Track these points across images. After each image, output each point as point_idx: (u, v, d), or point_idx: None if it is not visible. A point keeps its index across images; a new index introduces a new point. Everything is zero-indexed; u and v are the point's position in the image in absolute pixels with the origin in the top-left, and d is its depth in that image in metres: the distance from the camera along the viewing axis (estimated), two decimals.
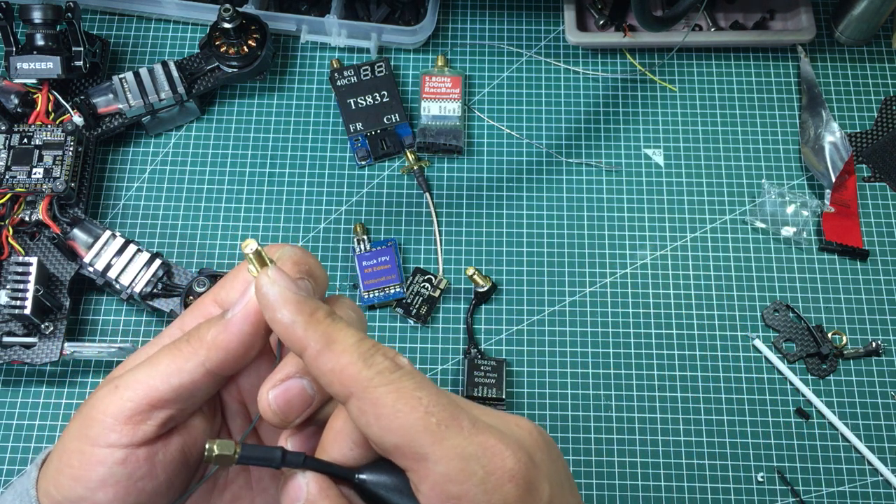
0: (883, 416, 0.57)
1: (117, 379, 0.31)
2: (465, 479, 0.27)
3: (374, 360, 0.28)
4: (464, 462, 0.27)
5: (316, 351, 0.28)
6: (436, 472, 0.27)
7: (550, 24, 0.68)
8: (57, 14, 0.60)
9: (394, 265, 0.59)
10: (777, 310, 0.59)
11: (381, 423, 0.27)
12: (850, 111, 0.65)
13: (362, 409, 0.28)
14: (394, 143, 0.63)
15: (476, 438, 0.27)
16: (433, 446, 0.27)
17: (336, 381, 0.28)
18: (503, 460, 0.27)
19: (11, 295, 0.54)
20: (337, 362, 0.28)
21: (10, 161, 0.58)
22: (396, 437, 0.27)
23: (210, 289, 0.35)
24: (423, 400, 0.27)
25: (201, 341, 0.31)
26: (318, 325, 0.29)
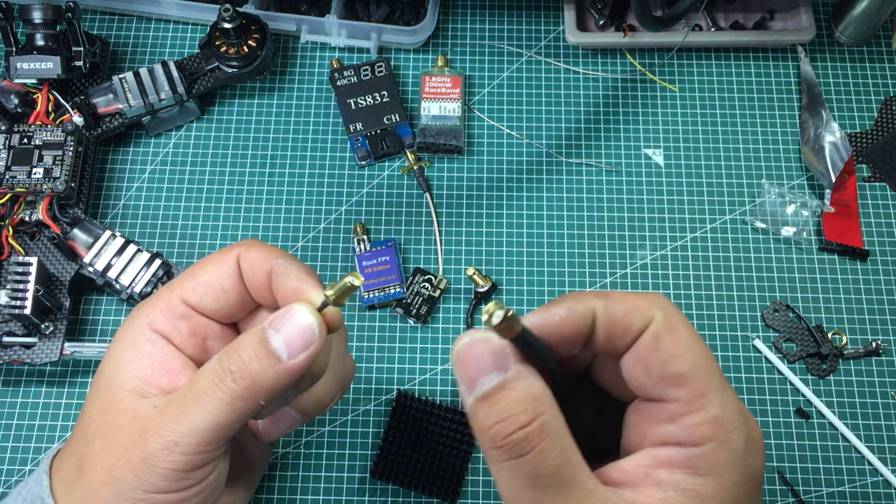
0: (883, 416, 0.57)
1: (170, 432, 0.32)
2: (733, 429, 0.27)
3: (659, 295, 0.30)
4: (736, 415, 0.27)
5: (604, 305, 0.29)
6: (711, 411, 0.27)
7: (550, 24, 0.68)
8: (57, 14, 0.60)
9: (394, 265, 0.59)
10: (777, 310, 0.59)
11: (674, 349, 0.28)
12: (850, 111, 0.65)
13: (659, 334, 0.28)
14: (394, 143, 0.63)
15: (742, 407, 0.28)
16: (715, 389, 0.27)
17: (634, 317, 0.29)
18: (758, 432, 0.28)
19: (11, 295, 0.54)
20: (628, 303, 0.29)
21: (10, 161, 0.58)
22: (685, 366, 0.28)
23: (172, 283, 0.36)
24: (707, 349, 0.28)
25: (257, 386, 0.32)
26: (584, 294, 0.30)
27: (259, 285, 0.35)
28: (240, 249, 0.36)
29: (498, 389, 0.27)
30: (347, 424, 0.56)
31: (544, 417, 0.27)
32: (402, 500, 0.55)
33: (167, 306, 0.36)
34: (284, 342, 0.32)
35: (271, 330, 0.33)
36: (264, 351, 0.32)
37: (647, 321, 0.29)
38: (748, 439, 0.27)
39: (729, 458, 0.27)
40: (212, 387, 0.32)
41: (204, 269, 0.36)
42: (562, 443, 0.27)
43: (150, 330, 0.35)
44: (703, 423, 0.27)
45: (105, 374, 0.35)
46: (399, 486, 0.54)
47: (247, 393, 0.32)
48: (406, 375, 0.58)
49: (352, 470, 0.55)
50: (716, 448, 0.27)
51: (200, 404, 0.32)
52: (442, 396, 0.57)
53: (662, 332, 0.28)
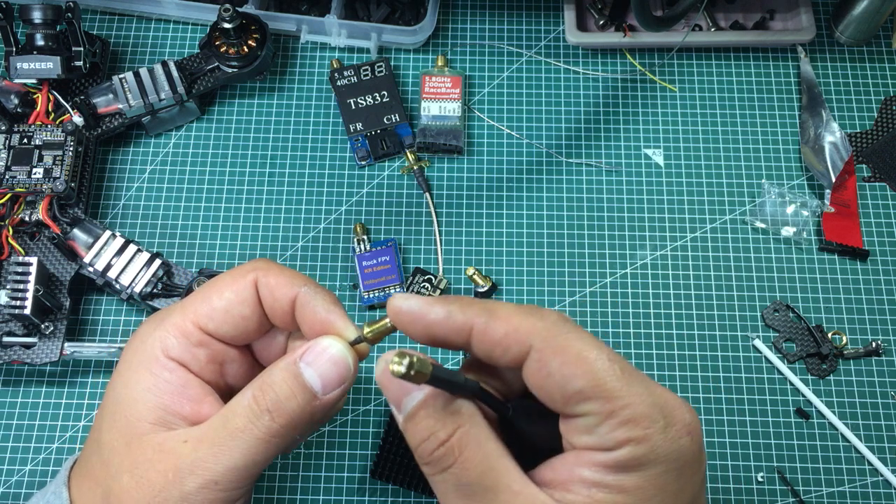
0: (883, 416, 0.57)
1: (208, 472, 0.32)
2: (649, 424, 0.28)
3: (542, 314, 0.29)
4: (649, 408, 0.28)
5: (483, 323, 0.29)
6: (622, 413, 0.28)
7: (550, 24, 0.68)
8: (57, 14, 0.60)
9: (394, 265, 0.59)
10: (777, 310, 0.59)
11: (565, 370, 0.28)
12: (850, 111, 0.65)
13: (543, 359, 0.28)
14: (394, 143, 0.63)
15: (655, 391, 0.28)
16: (619, 390, 0.28)
17: (512, 341, 0.29)
18: (682, 414, 0.28)
19: (11, 295, 0.54)
20: (509, 324, 0.29)
21: (10, 161, 0.58)
22: (582, 381, 0.28)
23: (185, 306, 0.35)
24: (604, 349, 0.29)
25: (294, 422, 0.32)
26: (473, 304, 0.30)
27: (280, 312, 0.34)
28: (257, 273, 0.34)
29: (418, 409, 0.29)
30: (347, 424, 0.56)
31: (462, 430, 0.29)
32: (402, 500, 0.55)
33: (182, 333, 0.34)
34: (320, 377, 0.32)
35: (304, 364, 0.33)
36: (300, 388, 0.32)
37: (526, 347, 0.29)
38: (666, 428, 0.28)
39: (648, 451, 0.28)
40: (249, 426, 0.32)
41: (221, 295, 0.34)
42: (483, 451, 0.29)
43: (166, 357, 0.34)
44: (616, 428, 0.28)
45: (122, 402, 0.34)
46: (399, 486, 0.54)
47: (284, 430, 0.32)
48: None
49: (352, 470, 0.55)
50: (634, 447, 0.28)
51: (238, 442, 0.32)
52: None
53: (547, 357, 0.28)
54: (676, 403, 0.29)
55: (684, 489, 0.28)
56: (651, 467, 0.28)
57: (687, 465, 0.28)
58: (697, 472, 0.29)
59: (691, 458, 0.28)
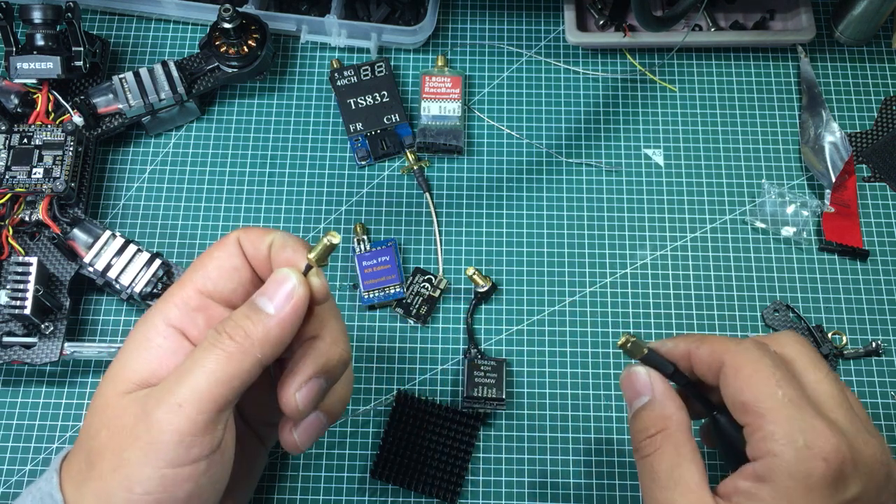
0: (883, 416, 0.57)
1: (172, 395, 0.33)
2: (786, 442, 0.33)
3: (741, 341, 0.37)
4: (791, 429, 0.33)
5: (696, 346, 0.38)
6: (766, 428, 0.33)
7: (550, 24, 0.68)
8: (57, 14, 0.60)
9: (394, 265, 0.59)
10: (777, 310, 0.59)
11: (737, 384, 0.35)
12: (850, 111, 0.65)
13: (727, 373, 0.36)
14: (394, 143, 0.63)
15: (811, 419, 0.33)
16: (771, 410, 0.34)
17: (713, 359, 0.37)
18: (825, 443, 0.33)
19: (11, 295, 0.54)
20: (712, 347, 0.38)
21: (10, 161, 0.58)
22: (747, 396, 0.35)
23: (182, 279, 0.38)
24: (777, 375, 0.35)
25: (252, 339, 0.35)
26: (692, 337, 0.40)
27: (262, 261, 0.38)
28: (238, 233, 0.38)
29: (641, 410, 0.38)
30: (347, 424, 0.57)
31: (667, 431, 0.36)
32: (402, 500, 0.55)
33: (182, 300, 0.37)
34: (268, 298, 0.35)
35: (258, 295, 0.36)
36: (252, 309, 0.35)
37: (721, 363, 0.36)
38: (800, 449, 0.32)
39: (781, 466, 0.32)
40: (209, 347, 0.34)
41: (210, 256, 0.38)
42: (679, 452, 0.36)
43: (165, 325, 0.36)
44: (762, 440, 0.33)
45: (112, 370, 0.36)
46: (399, 486, 0.54)
47: (242, 347, 0.34)
48: (406, 375, 0.58)
49: (352, 470, 0.55)
50: (770, 459, 0.33)
51: (198, 364, 0.34)
52: (442, 396, 0.57)
53: (730, 371, 0.36)
54: (824, 433, 0.33)
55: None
56: (783, 480, 0.32)
57: (817, 488, 0.32)
58: (830, 497, 0.32)
59: (821, 481, 0.32)
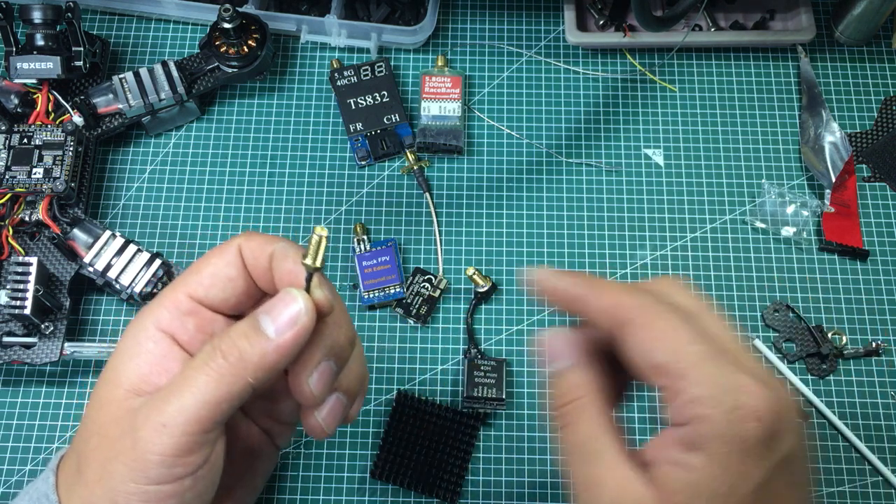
0: (883, 416, 0.57)
1: (159, 413, 0.32)
2: (714, 405, 0.30)
3: (646, 294, 0.33)
4: (717, 389, 0.30)
5: (594, 294, 0.34)
6: (689, 391, 0.30)
7: (550, 24, 0.68)
8: (57, 14, 0.60)
9: (394, 265, 0.59)
10: (777, 310, 0.59)
11: (648, 344, 0.32)
12: (850, 111, 0.65)
13: (633, 331, 0.32)
14: (394, 143, 0.63)
15: (732, 375, 0.30)
16: (692, 370, 0.30)
17: (617, 311, 0.33)
18: (755, 400, 0.30)
19: (11, 295, 0.54)
20: (612, 297, 0.33)
21: (10, 161, 0.58)
22: (661, 357, 0.31)
23: (176, 282, 0.37)
24: (690, 330, 0.31)
25: (246, 362, 0.33)
26: (588, 279, 0.35)
27: (262, 271, 0.36)
28: (240, 239, 0.37)
29: (556, 376, 0.35)
30: (347, 424, 0.56)
31: (581, 401, 0.33)
32: (402, 500, 0.55)
33: (174, 304, 0.36)
34: (272, 320, 0.33)
35: (262, 312, 0.34)
36: (252, 329, 0.33)
37: (624, 318, 0.32)
38: (731, 410, 0.29)
39: (711, 431, 0.29)
40: (201, 365, 0.33)
41: (208, 262, 0.36)
42: (594, 423, 0.33)
43: (155, 329, 0.36)
44: (685, 404, 0.30)
45: (105, 373, 0.36)
46: (399, 486, 0.54)
47: (234, 369, 0.33)
48: (406, 375, 0.58)
49: (352, 470, 0.55)
50: (698, 424, 0.30)
51: (188, 382, 0.33)
52: (442, 396, 0.57)
53: (637, 328, 0.32)
54: (751, 389, 0.30)
55: (749, 474, 0.30)
56: (715, 446, 0.29)
57: (752, 451, 0.29)
58: (766, 459, 0.30)
59: (757, 443, 0.29)
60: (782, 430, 0.30)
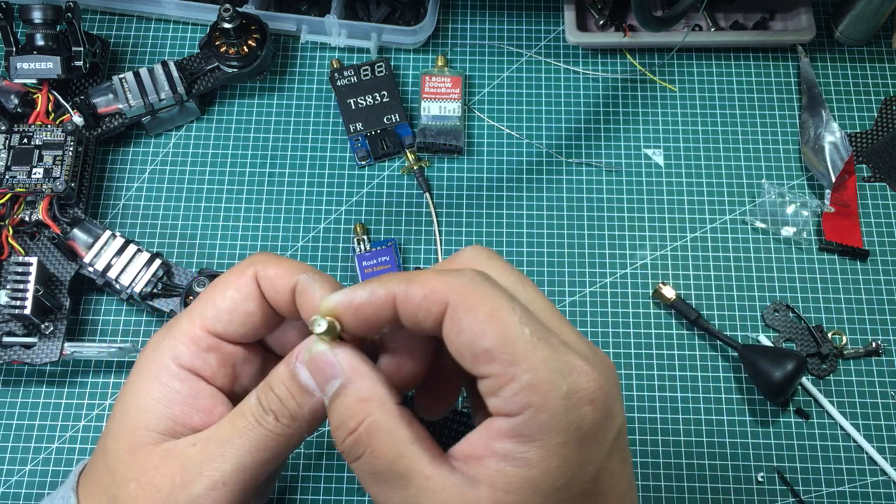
0: (883, 416, 0.57)
1: (215, 470, 0.31)
2: (548, 391, 0.27)
3: (460, 272, 0.29)
4: (551, 374, 0.27)
5: (403, 291, 0.29)
6: (522, 378, 0.27)
7: (550, 24, 0.68)
8: (57, 14, 0.60)
9: (394, 265, 0.59)
10: (777, 310, 0.59)
11: (475, 327, 0.28)
12: (850, 111, 0.65)
13: (456, 316, 0.28)
14: (394, 143, 0.63)
15: (563, 357, 0.28)
16: (524, 353, 0.27)
17: (431, 302, 0.29)
18: (588, 382, 0.28)
19: (11, 295, 0.54)
20: (426, 286, 0.29)
21: (10, 161, 0.58)
22: (489, 342, 0.28)
23: (191, 312, 0.34)
24: (517, 311, 0.28)
25: (297, 421, 0.32)
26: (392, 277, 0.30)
27: (284, 303, 0.34)
28: (257, 267, 0.34)
29: (334, 398, 0.30)
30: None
31: (371, 419, 0.29)
32: None
33: (192, 339, 0.34)
34: (314, 378, 0.32)
35: (299, 364, 0.32)
36: (297, 389, 0.32)
37: (444, 305, 0.29)
38: (567, 396, 0.27)
39: (548, 420, 0.27)
40: (255, 425, 0.32)
41: (224, 295, 0.34)
42: (393, 439, 0.29)
43: (177, 366, 0.34)
44: (518, 393, 0.27)
45: (130, 412, 0.33)
46: None
47: (289, 429, 0.32)
48: None
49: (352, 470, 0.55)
50: (533, 413, 0.27)
51: (245, 440, 0.31)
52: None
53: (460, 314, 0.28)
54: (583, 370, 0.28)
55: (588, 460, 0.28)
56: (552, 437, 0.27)
57: (590, 436, 0.28)
58: (602, 443, 0.28)
59: (594, 427, 0.28)
60: (613, 407, 0.29)
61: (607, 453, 0.28)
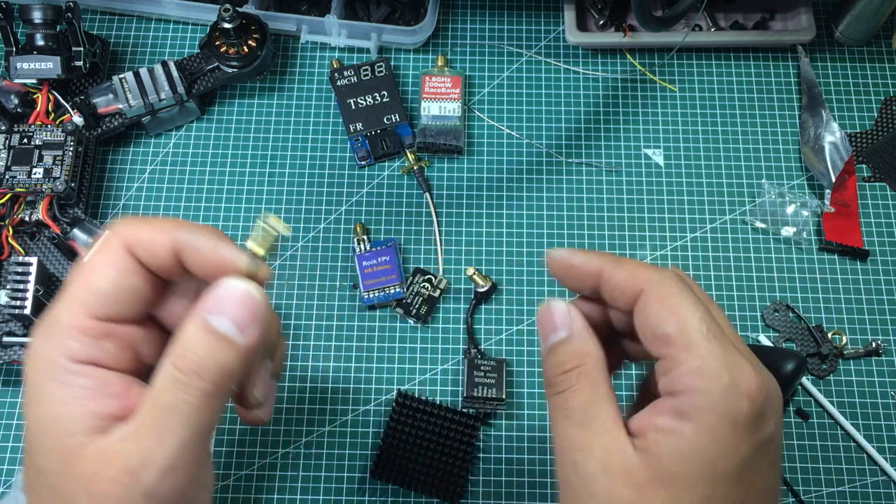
0: (883, 416, 0.57)
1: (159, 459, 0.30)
2: (712, 379, 0.31)
3: (662, 270, 0.34)
4: (718, 366, 0.31)
5: (611, 268, 0.35)
6: (691, 363, 0.31)
7: (550, 24, 0.68)
8: (57, 14, 0.60)
9: (394, 265, 0.59)
10: (777, 310, 0.59)
11: (661, 314, 0.32)
12: (850, 111, 0.65)
13: (648, 302, 0.33)
14: (394, 143, 0.63)
15: (733, 356, 0.31)
16: (698, 344, 0.31)
17: (629, 285, 0.34)
18: (749, 381, 0.31)
19: (11, 295, 0.54)
20: (631, 270, 0.34)
21: (10, 161, 0.58)
22: (671, 327, 0.32)
23: (69, 302, 0.31)
24: (700, 310, 0.32)
25: (224, 373, 0.31)
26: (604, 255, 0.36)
27: (167, 267, 0.32)
28: (123, 237, 0.32)
29: (559, 344, 0.35)
30: (347, 424, 0.57)
31: (584, 367, 0.34)
32: (402, 500, 0.55)
33: (80, 331, 0.31)
34: (233, 322, 0.31)
35: (211, 315, 0.31)
36: (217, 340, 0.31)
37: (640, 290, 0.33)
38: (728, 387, 0.30)
39: (706, 403, 0.30)
40: (179, 394, 0.30)
41: (101, 275, 0.32)
42: (594, 389, 0.34)
43: (74, 363, 0.31)
44: (685, 375, 0.31)
45: (44, 423, 0.31)
46: (399, 486, 0.54)
47: (217, 386, 0.31)
48: (406, 375, 0.58)
49: (352, 470, 0.55)
50: (695, 395, 0.31)
51: (176, 416, 0.30)
52: (442, 396, 0.57)
53: (652, 300, 0.33)
54: (749, 371, 0.31)
55: (736, 448, 0.30)
56: (707, 417, 0.30)
57: (742, 427, 0.30)
58: (752, 435, 0.31)
59: (747, 420, 0.30)
60: (769, 412, 0.31)
61: (756, 450, 0.31)
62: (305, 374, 0.58)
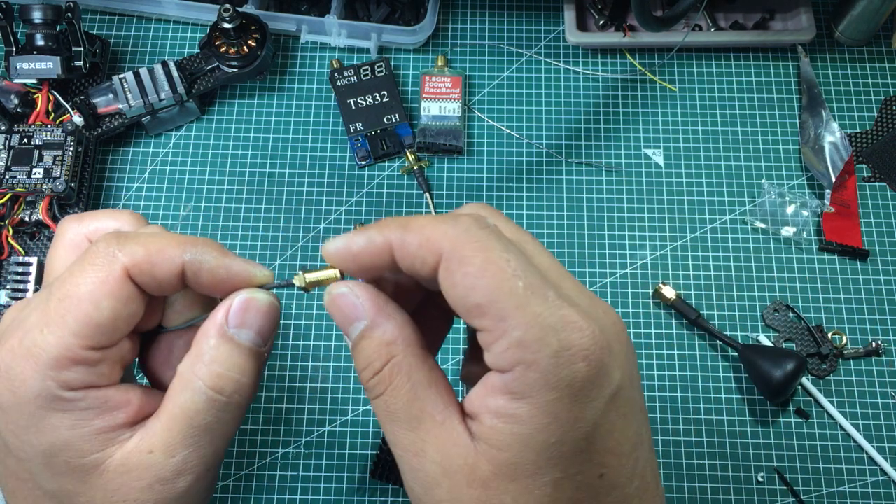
0: (883, 416, 0.57)
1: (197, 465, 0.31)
2: (539, 349, 0.27)
3: (456, 220, 0.29)
4: (541, 331, 0.27)
5: (400, 238, 0.29)
6: (512, 335, 0.27)
7: (550, 24, 0.68)
8: (57, 14, 0.60)
9: None
10: (777, 310, 0.59)
11: (466, 282, 0.27)
12: (850, 111, 0.65)
13: (450, 267, 0.28)
14: (394, 143, 0.63)
15: (559, 311, 0.27)
16: (515, 310, 0.27)
17: (426, 252, 0.28)
18: (581, 338, 0.27)
19: (11, 295, 0.54)
20: (422, 235, 0.29)
21: (10, 161, 0.58)
22: (480, 296, 0.27)
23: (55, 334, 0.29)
24: (512, 262, 0.27)
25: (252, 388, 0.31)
26: (389, 222, 0.30)
27: (170, 288, 0.31)
28: (120, 260, 0.30)
29: (359, 339, 0.30)
30: (347, 424, 0.57)
31: (395, 360, 0.29)
32: (402, 500, 0.55)
33: (74, 361, 0.29)
34: (258, 334, 0.31)
35: (235, 329, 0.31)
36: (247, 355, 0.31)
37: (439, 255, 0.28)
38: (558, 353, 0.27)
39: (538, 378, 0.27)
40: (220, 414, 0.30)
41: (98, 305, 0.29)
42: (412, 382, 0.29)
43: (72, 391, 0.30)
44: (508, 349, 0.27)
45: (49, 450, 0.30)
46: (399, 486, 0.54)
47: (245, 399, 0.31)
48: None
49: (352, 470, 0.55)
50: (524, 371, 0.27)
51: (212, 435, 0.31)
52: None
53: (453, 266, 0.28)
54: (577, 325, 0.27)
55: (581, 418, 0.27)
56: (542, 394, 0.27)
57: (582, 393, 0.27)
58: (595, 399, 0.27)
59: (586, 384, 0.27)
60: (610, 363, 0.28)
61: (602, 411, 0.28)
62: (305, 374, 0.58)
